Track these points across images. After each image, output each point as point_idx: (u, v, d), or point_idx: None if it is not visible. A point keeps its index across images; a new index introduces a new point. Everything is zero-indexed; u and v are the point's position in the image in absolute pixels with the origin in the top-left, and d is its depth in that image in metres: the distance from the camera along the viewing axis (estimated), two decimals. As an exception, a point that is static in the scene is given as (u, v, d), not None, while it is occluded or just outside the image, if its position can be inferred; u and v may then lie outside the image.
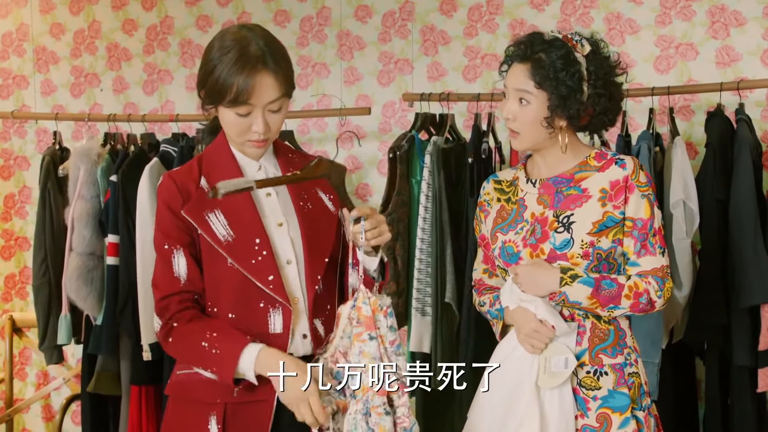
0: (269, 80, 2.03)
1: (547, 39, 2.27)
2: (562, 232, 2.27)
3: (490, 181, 2.49)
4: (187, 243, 2.10)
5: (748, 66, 3.57)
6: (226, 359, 2.00)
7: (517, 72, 2.27)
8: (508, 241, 2.34)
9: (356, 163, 4.21)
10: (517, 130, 2.30)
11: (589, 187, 2.30)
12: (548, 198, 2.33)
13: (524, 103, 2.26)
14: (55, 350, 3.86)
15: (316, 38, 4.27)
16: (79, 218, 3.61)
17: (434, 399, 3.49)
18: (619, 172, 2.29)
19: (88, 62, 4.65)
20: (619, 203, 2.27)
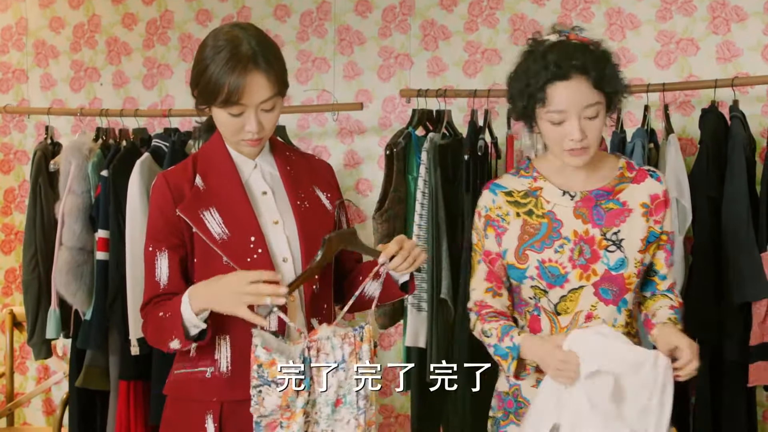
0: (261, 80, 2.02)
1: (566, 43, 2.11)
2: (614, 251, 2.15)
3: (498, 194, 2.25)
4: (173, 245, 2.10)
5: (748, 61, 3.55)
6: (174, 317, 2.01)
7: (577, 89, 2.06)
8: (548, 261, 2.16)
9: (356, 158, 4.20)
10: (587, 145, 2.10)
11: (628, 201, 2.19)
12: (586, 212, 2.18)
13: (593, 118, 2.09)
14: (44, 345, 3.86)
15: (316, 33, 4.25)
16: (70, 213, 3.62)
17: (428, 398, 3.48)
18: (657, 186, 2.21)
19: (88, 56, 4.64)
20: (659, 218, 2.20)
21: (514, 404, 2.28)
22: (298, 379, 1.95)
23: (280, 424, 1.96)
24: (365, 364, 2.01)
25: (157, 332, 2.08)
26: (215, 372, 2.08)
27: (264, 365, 1.95)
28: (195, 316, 1.98)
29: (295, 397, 1.96)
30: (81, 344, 3.63)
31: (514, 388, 2.27)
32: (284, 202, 2.16)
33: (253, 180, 2.16)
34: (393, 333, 4.12)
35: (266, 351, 1.95)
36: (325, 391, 1.99)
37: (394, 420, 4.22)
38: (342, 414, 2.00)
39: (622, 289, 2.16)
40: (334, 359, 2.00)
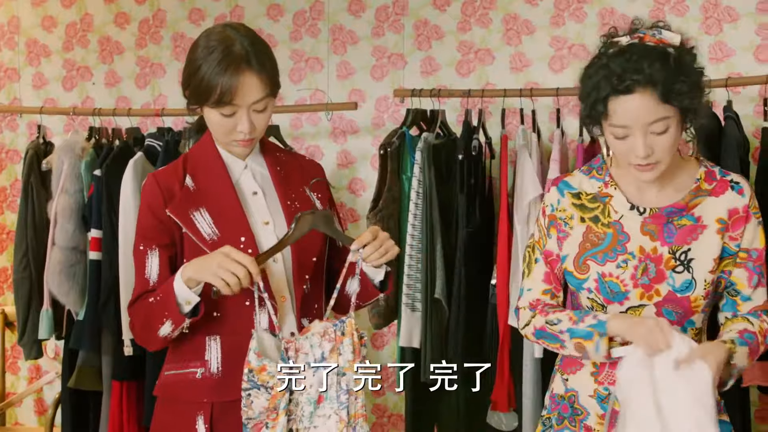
0: (254, 80, 2.01)
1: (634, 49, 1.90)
2: (681, 271, 2.00)
3: (565, 194, 2.11)
4: (164, 244, 2.09)
5: (741, 61, 3.55)
6: (167, 296, 2.00)
7: (641, 104, 1.87)
8: (608, 275, 2.03)
9: (349, 158, 4.20)
10: (656, 160, 1.93)
11: (704, 215, 2.01)
12: (656, 228, 2.02)
13: (662, 133, 1.90)
14: (35, 345, 3.85)
15: (309, 32, 4.25)
16: (62, 212, 3.60)
17: (423, 397, 3.49)
18: (738, 200, 2.02)
19: (80, 55, 4.63)
20: (736, 235, 2.02)
21: (570, 410, 2.13)
22: (284, 382, 1.96)
23: (265, 425, 1.96)
24: (348, 358, 2.00)
25: (146, 321, 2.06)
26: (206, 373, 2.08)
27: (255, 370, 1.95)
28: (188, 288, 1.97)
29: (281, 399, 1.96)
30: (74, 344, 3.62)
31: (570, 393, 2.13)
32: (275, 203, 2.16)
33: (243, 180, 2.16)
34: (386, 333, 4.12)
35: (257, 356, 1.95)
36: (306, 390, 1.99)
37: (387, 420, 4.22)
38: (324, 410, 1.99)
39: (687, 312, 2.02)
40: (313, 358, 2.00)
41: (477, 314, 3.37)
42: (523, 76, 3.88)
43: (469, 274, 3.36)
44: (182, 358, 2.11)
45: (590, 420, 2.09)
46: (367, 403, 4.10)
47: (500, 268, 3.30)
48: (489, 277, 3.38)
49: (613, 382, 2.04)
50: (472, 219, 3.38)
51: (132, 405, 3.57)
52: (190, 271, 1.98)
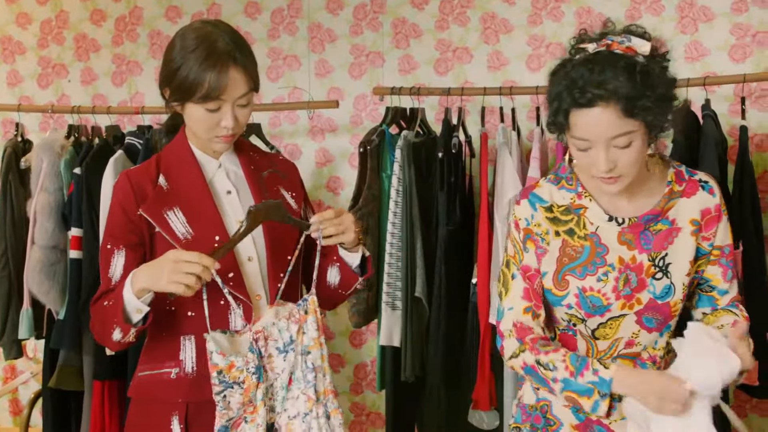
0: (239, 75, 2.03)
1: (599, 58, 1.81)
2: (660, 278, 1.96)
3: (538, 208, 2.02)
4: (131, 243, 2.08)
5: (716, 61, 3.59)
6: (116, 304, 1.99)
7: (598, 118, 1.79)
8: (589, 290, 1.96)
9: (327, 156, 4.19)
10: (620, 173, 1.86)
11: (677, 218, 1.98)
12: (632, 237, 1.96)
13: (625, 147, 1.83)
14: (15, 345, 3.81)
15: (287, 30, 4.24)
16: (42, 211, 3.57)
17: (404, 394, 3.50)
18: (709, 200, 1.99)
19: (56, 53, 4.60)
20: (709, 235, 1.99)
21: (542, 420, 2.10)
22: (255, 374, 1.96)
23: (244, 419, 1.96)
24: (312, 336, 2.02)
25: (101, 325, 2.06)
26: (180, 373, 2.07)
27: (224, 370, 1.94)
28: (136, 298, 1.96)
29: (255, 391, 1.96)
30: (54, 344, 3.59)
31: (542, 403, 2.09)
32: (249, 202, 2.15)
33: (217, 179, 2.16)
34: (365, 331, 4.13)
35: (222, 356, 1.94)
36: (280, 376, 2.00)
37: (365, 418, 4.23)
38: (293, 392, 2.01)
39: (666, 317, 1.99)
40: (282, 342, 2.00)
41: (458, 313, 3.38)
42: (500, 75, 3.90)
43: (450, 273, 3.37)
44: (156, 359, 2.11)
45: (563, 430, 2.06)
46: (345, 401, 4.13)
47: (481, 267, 3.31)
48: (469, 275, 3.39)
49: None
50: (452, 217, 3.38)
51: (114, 405, 3.55)
52: (143, 281, 1.95)
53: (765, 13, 3.53)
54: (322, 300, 2.21)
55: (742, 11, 3.56)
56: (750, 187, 3.10)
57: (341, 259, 2.17)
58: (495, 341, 3.27)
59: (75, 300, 3.53)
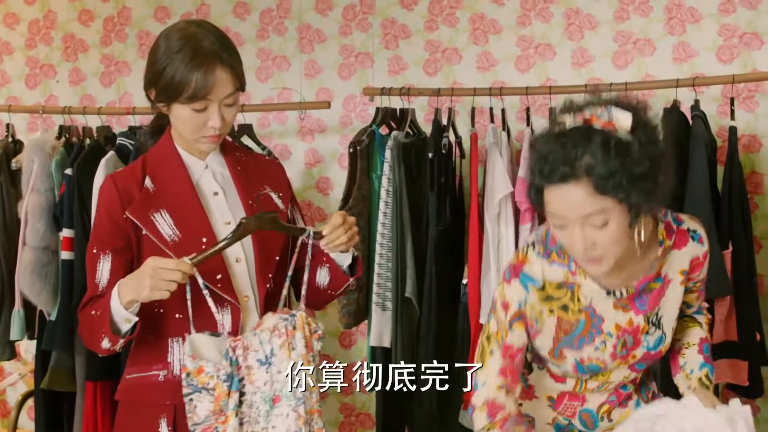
0: (226, 75, 2.03)
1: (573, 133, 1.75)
2: (654, 332, 1.97)
3: (530, 289, 1.94)
4: (118, 248, 2.08)
5: (703, 62, 3.61)
6: (104, 314, 2.00)
7: (570, 196, 1.73)
8: (587, 359, 1.96)
9: (317, 156, 4.20)
10: (601, 255, 1.79)
11: (669, 272, 1.96)
12: (627, 302, 1.94)
13: (600, 225, 1.75)
14: (7, 346, 3.80)
15: (276, 31, 4.24)
16: (33, 212, 3.56)
17: (394, 397, 3.50)
18: (699, 249, 1.98)
19: (44, 53, 4.58)
20: (694, 276, 2.01)
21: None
22: (227, 382, 1.95)
23: (215, 429, 1.95)
24: (300, 352, 2.01)
25: (90, 332, 2.07)
26: (168, 375, 2.08)
27: (192, 373, 1.95)
28: (124, 309, 1.97)
29: (227, 400, 1.95)
30: (46, 345, 3.58)
31: (526, 418, 2.10)
32: (236, 203, 2.16)
33: (204, 181, 2.16)
34: (355, 332, 4.13)
35: (192, 359, 1.95)
36: (260, 389, 1.99)
37: (355, 419, 4.23)
38: (281, 409, 1.99)
39: (657, 360, 2.04)
40: (264, 355, 2.00)
41: (448, 313, 3.39)
42: (490, 75, 3.91)
43: (440, 273, 3.37)
44: (144, 361, 2.11)
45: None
46: (334, 402, 4.12)
47: (471, 267, 3.32)
48: (460, 275, 3.40)
49: (572, 415, 2.08)
50: (442, 217, 3.39)
51: (106, 405, 3.53)
52: (128, 294, 1.97)
53: (752, 14, 3.56)
54: (311, 301, 2.22)
55: (729, 12, 3.58)
56: (739, 188, 3.13)
57: (331, 260, 2.17)
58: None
59: (67, 301, 3.52)
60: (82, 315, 2.10)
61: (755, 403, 3.59)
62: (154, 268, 1.92)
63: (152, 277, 1.91)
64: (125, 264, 2.08)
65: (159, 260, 1.94)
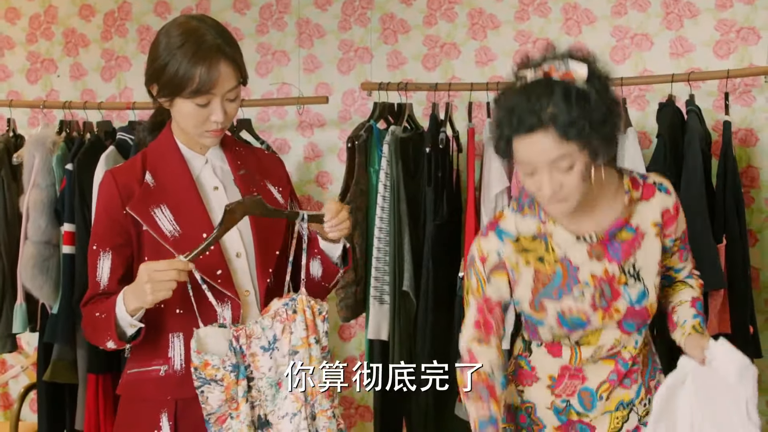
0: (228, 69, 2.04)
1: (535, 86, 1.88)
2: (633, 284, 2.04)
3: (506, 241, 2.06)
4: (117, 245, 2.10)
5: (700, 57, 3.62)
6: (109, 318, 2.02)
7: (538, 144, 1.86)
8: (568, 311, 2.04)
9: (316, 151, 4.22)
10: (566, 198, 1.93)
11: (641, 224, 2.05)
12: (601, 250, 2.03)
13: (568, 170, 1.88)
14: (9, 339, 3.83)
15: (275, 26, 4.26)
16: (34, 206, 3.59)
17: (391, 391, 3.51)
18: (668, 200, 2.08)
19: (45, 48, 4.60)
20: (670, 231, 2.09)
21: (527, 419, 2.19)
22: (234, 372, 1.98)
23: (229, 416, 1.98)
24: (300, 335, 2.02)
25: (94, 332, 2.09)
26: (169, 370, 2.09)
27: (199, 368, 1.97)
28: (129, 315, 1.99)
29: (236, 388, 1.98)
30: (48, 338, 3.60)
31: (527, 405, 2.18)
32: (236, 197, 2.16)
33: (204, 175, 2.17)
34: (353, 325, 4.15)
35: (197, 354, 1.97)
36: (265, 375, 2.01)
37: (354, 411, 4.26)
38: (283, 392, 2.02)
39: (645, 319, 2.08)
40: (267, 341, 2.02)
41: (445, 306, 3.41)
42: (488, 70, 3.92)
43: (437, 267, 3.39)
44: (145, 356, 2.12)
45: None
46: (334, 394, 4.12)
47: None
48: (456, 269, 3.42)
49: (571, 394, 2.13)
50: (439, 212, 3.41)
51: (108, 398, 3.56)
52: (133, 302, 1.99)
53: (749, 9, 3.57)
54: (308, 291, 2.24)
55: (726, 7, 3.60)
56: (733, 182, 3.14)
57: (322, 252, 2.18)
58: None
59: (68, 294, 3.54)
60: (85, 311, 2.11)
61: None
62: (149, 273, 1.93)
63: (149, 281, 1.93)
64: (125, 261, 2.10)
65: (150, 264, 1.96)
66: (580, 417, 2.12)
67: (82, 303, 2.13)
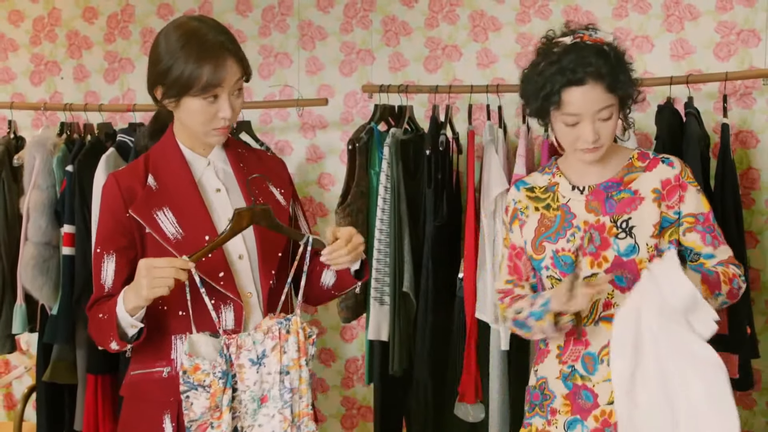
0: (234, 64, 2.06)
1: (581, 45, 2.13)
2: (624, 237, 2.20)
3: (521, 189, 2.36)
4: (121, 247, 2.11)
5: (701, 59, 3.63)
6: (111, 319, 2.03)
7: (591, 94, 2.11)
8: (561, 250, 2.24)
9: (317, 152, 4.23)
10: (600, 144, 2.17)
11: (640, 189, 2.24)
12: (598, 205, 2.24)
13: (607, 119, 2.15)
14: (8, 339, 3.85)
15: (277, 28, 4.27)
16: (35, 208, 3.61)
17: (392, 387, 3.53)
18: (669, 171, 2.25)
19: (48, 50, 4.63)
20: (673, 203, 2.23)
21: (540, 396, 2.32)
22: (222, 379, 1.99)
23: (210, 425, 1.99)
24: (292, 356, 2.03)
25: (98, 333, 2.11)
26: (172, 372, 2.10)
27: (188, 371, 1.98)
28: (129, 315, 2.00)
29: (222, 396, 1.99)
30: (48, 338, 3.62)
31: (540, 381, 2.32)
32: (238, 199, 2.17)
33: (206, 178, 2.18)
34: (355, 326, 4.17)
35: (188, 357, 1.98)
36: (249, 388, 2.02)
37: (356, 411, 4.27)
38: (268, 409, 2.03)
39: (635, 275, 2.17)
40: (256, 355, 2.02)
41: (444, 307, 3.42)
42: (489, 72, 3.93)
43: (437, 268, 3.40)
44: (148, 358, 2.13)
45: (556, 403, 2.28)
46: (336, 395, 4.14)
47: (467, 262, 3.34)
48: (456, 270, 3.43)
49: (576, 359, 2.25)
50: (439, 213, 3.42)
51: (107, 398, 3.58)
52: (131, 300, 2.00)
53: (749, 11, 3.57)
54: (313, 299, 2.25)
55: (726, 9, 3.60)
56: (731, 184, 3.14)
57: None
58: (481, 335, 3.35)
59: (68, 295, 3.56)
60: (90, 314, 2.13)
61: (751, 396, 3.63)
62: (147, 268, 1.94)
63: (146, 276, 1.94)
64: (129, 263, 2.11)
65: (150, 260, 1.97)
66: (584, 382, 2.24)
67: (87, 306, 2.15)
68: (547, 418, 2.29)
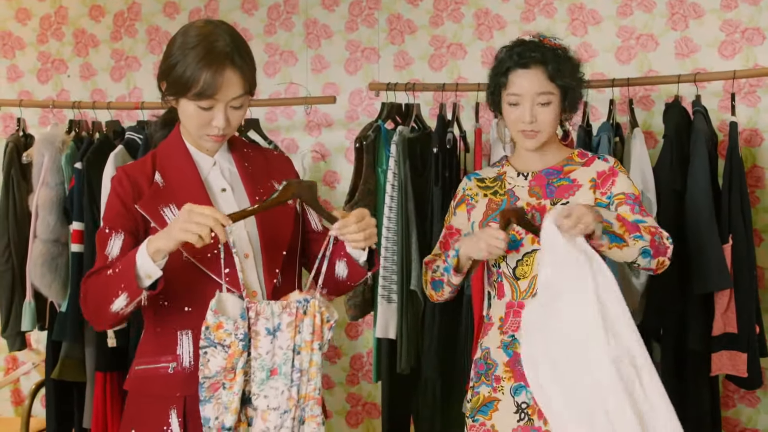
0: (235, 77, 2.05)
1: (536, 41, 2.46)
2: None
3: (472, 179, 2.63)
4: (129, 229, 2.10)
5: (705, 57, 3.64)
6: (126, 268, 1.98)
7: (533, 77, 2.41)
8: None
9: (323, 150, 4.24)
10: (538, 129, 2.44)
11: (578, 178, 2.48)
12: (540, 190, 2.49)
13: (545, 105, 2.42)
14: (18, 336, 3.86)
15: (283, 26, 4.29)
16: (44, 205, 3.61)
17: (399, 385, 3.54)
18: (604, 165, 2.51)
19: (55, 48, 4.64)
20: (606, 189, 2.47)
21: (485, 366, 2.51)
22: (242, 341, 1.98)
23: (222, 385, 1.99)
24: (305, 338, 2.03)
25: (99, 294, 2.04)
26: (177, 367, 2.10)
27: (211, 327, 1.97)
28: (151, 261, 1.95)
29: (239, 359, 1.99)
30: (57, 336, 3.63)
31: (485, 351, 2.51)
32: (243, 199, 2.18)
33: (212, 177, 2.19)
34: (362, 323, 4.18)
35: (214, 313, 1.97)
36: (261, 356, 2.01)
37: (361, 408, 4.28)
38: (277, 383, 2.02)
39: None
40: (272, 325, 2.02)
41: (452, 305, 3.42)
42: (494, 71, 3.94)
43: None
44: (153, 353, 2.13)
45: (499, 370, 2.46)
46: (341, 391, 4.15)
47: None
48: (463, 268, 3.43)
49: (516, 329, 2.42)
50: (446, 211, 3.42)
51: (115, 396, 3.59)
52: (156, 242, 1.95)
53: (754, 9, 3.59)
54: (331, 289, 2.24)
55: (731, 8, 3.61)
56: (739, 182, 3.14)
57: (348, 255, 2.18)
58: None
59: (77, 293, 3.53)
60: (89, 280, 2.08)
61: (755, 394, 3.64)
62: (189, 211, 1.91)
63: (185, 218, 1.90)
64: (137, 244, 2.06)
65: (195, 205, 1.93)
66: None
67: (85, 276, 2.10)
68: (493, 386, 2.46)
